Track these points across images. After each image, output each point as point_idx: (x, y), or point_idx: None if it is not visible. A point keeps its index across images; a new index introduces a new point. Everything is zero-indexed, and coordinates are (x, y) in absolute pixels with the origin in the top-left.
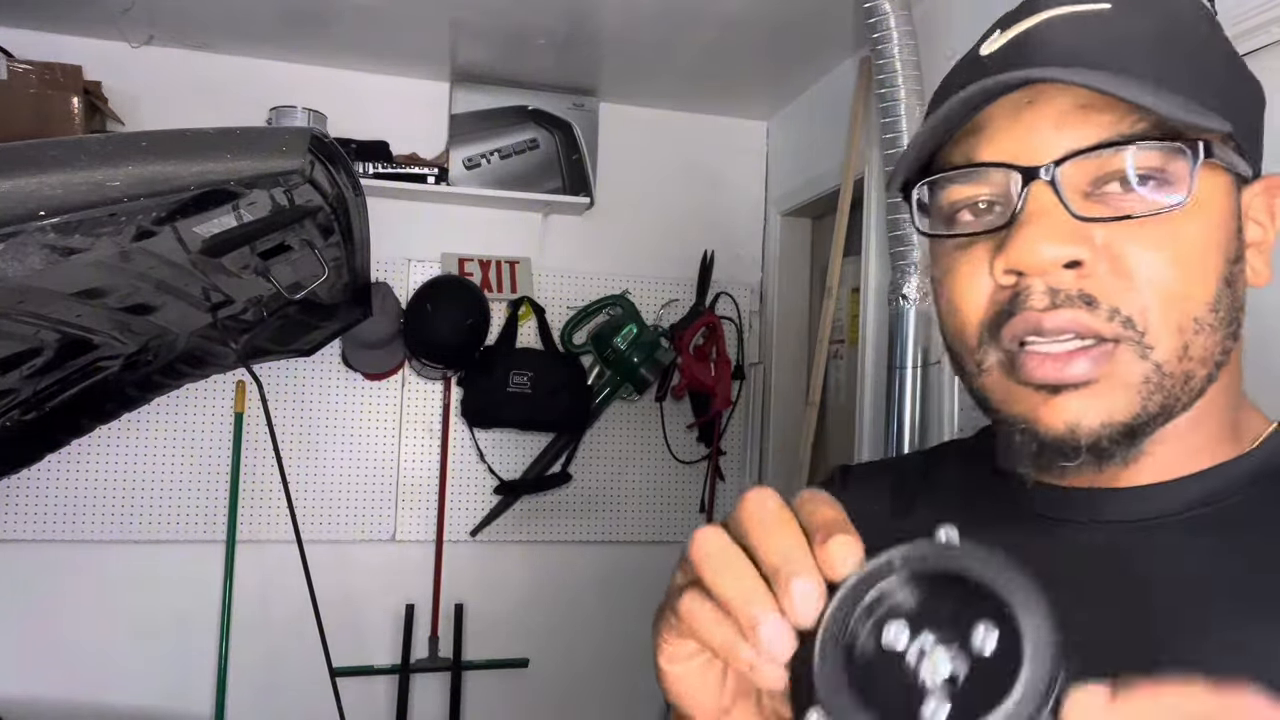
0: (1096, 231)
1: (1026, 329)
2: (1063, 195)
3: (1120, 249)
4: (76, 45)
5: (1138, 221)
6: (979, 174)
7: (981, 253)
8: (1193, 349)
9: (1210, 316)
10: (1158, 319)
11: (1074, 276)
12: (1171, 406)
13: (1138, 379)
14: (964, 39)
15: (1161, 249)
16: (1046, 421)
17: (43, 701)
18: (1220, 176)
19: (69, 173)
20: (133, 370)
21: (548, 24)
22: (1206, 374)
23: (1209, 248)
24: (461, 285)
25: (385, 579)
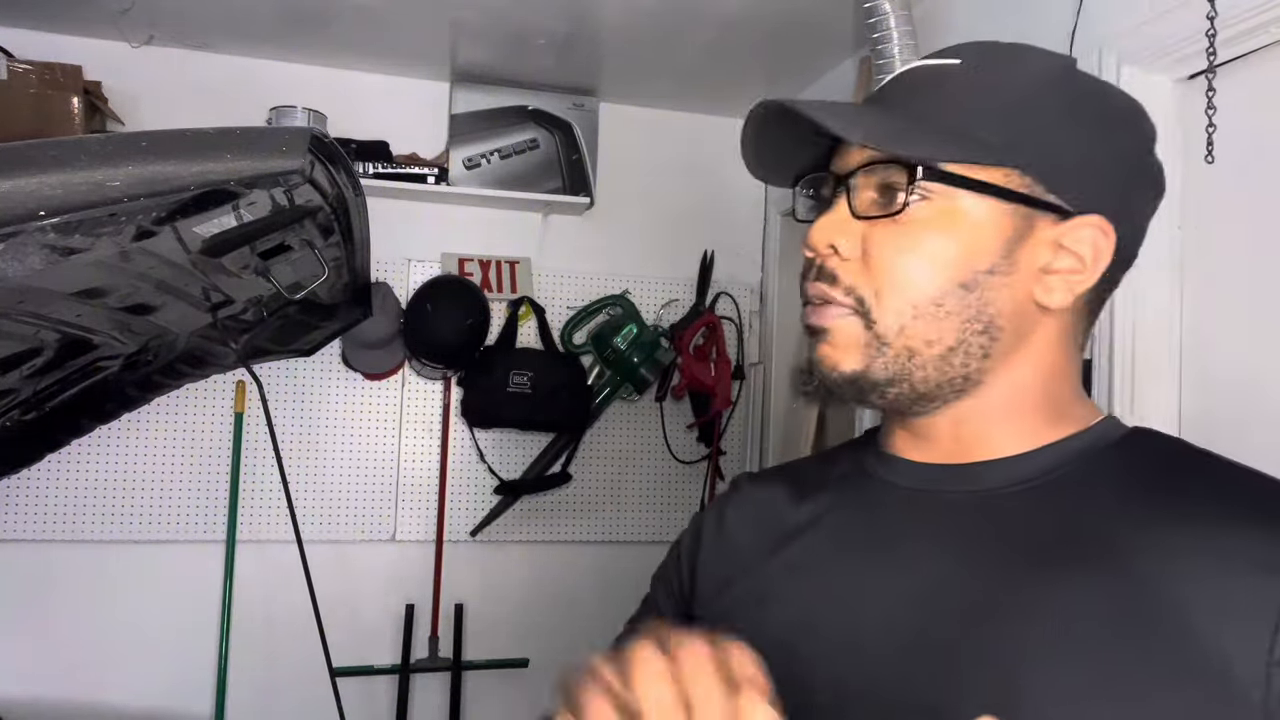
0: (861, 229)
1: (804, 293)
2: (851, 198)
3: (871, 244)
4: (76, 45)
5: (892, 222)
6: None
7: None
8: (910, 331)
9: (930, 309)
10: (883, 301)
11: (834, 260)
12: (904, 375)
13: (860, 342)
14: (964, 39)
15: (898, 248)
16: (814, 359)
17: (43, 701)
18: (981, 200)
19: (69, 173)
20: (133, 370)
21: (548, 24)
22: (938, 356)
23: (944, 255)
24: (461, 285)
25: (385, 579)
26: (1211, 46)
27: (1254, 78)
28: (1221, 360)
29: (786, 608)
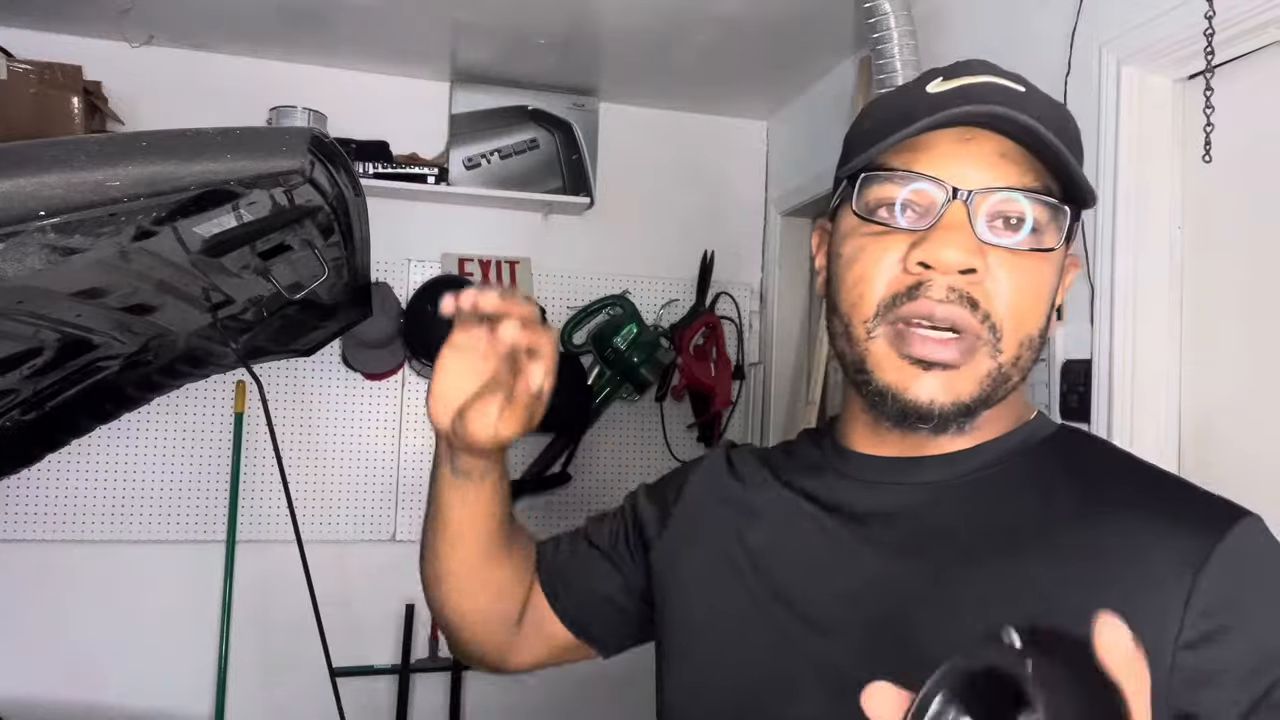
0: (990, 254)
1: (921, 313)
2: (972, 217)
3: (999, 271)
4: (76, 45)
5: (1015, 254)
6: (913, 181)
7: (896, 244)
8: (1022, 360)
9: (1038, 340)
10: (1010, 331)
11: (966, 282)
12: (997, 398)
13: (984, 373)
14: (964, 39)
15: (1026, 280)
16: (914, 392)
17: (43, 701)
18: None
19: (69, 173)
20: (133, 370)
21: (548, 24)
22: (1020, 380)
23: (1049, 289)
24: (461, 285)
25: (385, 579)
26: (1209, 47)
27: (1252, 78)
28: (1221, 359)
29: (759, 581)
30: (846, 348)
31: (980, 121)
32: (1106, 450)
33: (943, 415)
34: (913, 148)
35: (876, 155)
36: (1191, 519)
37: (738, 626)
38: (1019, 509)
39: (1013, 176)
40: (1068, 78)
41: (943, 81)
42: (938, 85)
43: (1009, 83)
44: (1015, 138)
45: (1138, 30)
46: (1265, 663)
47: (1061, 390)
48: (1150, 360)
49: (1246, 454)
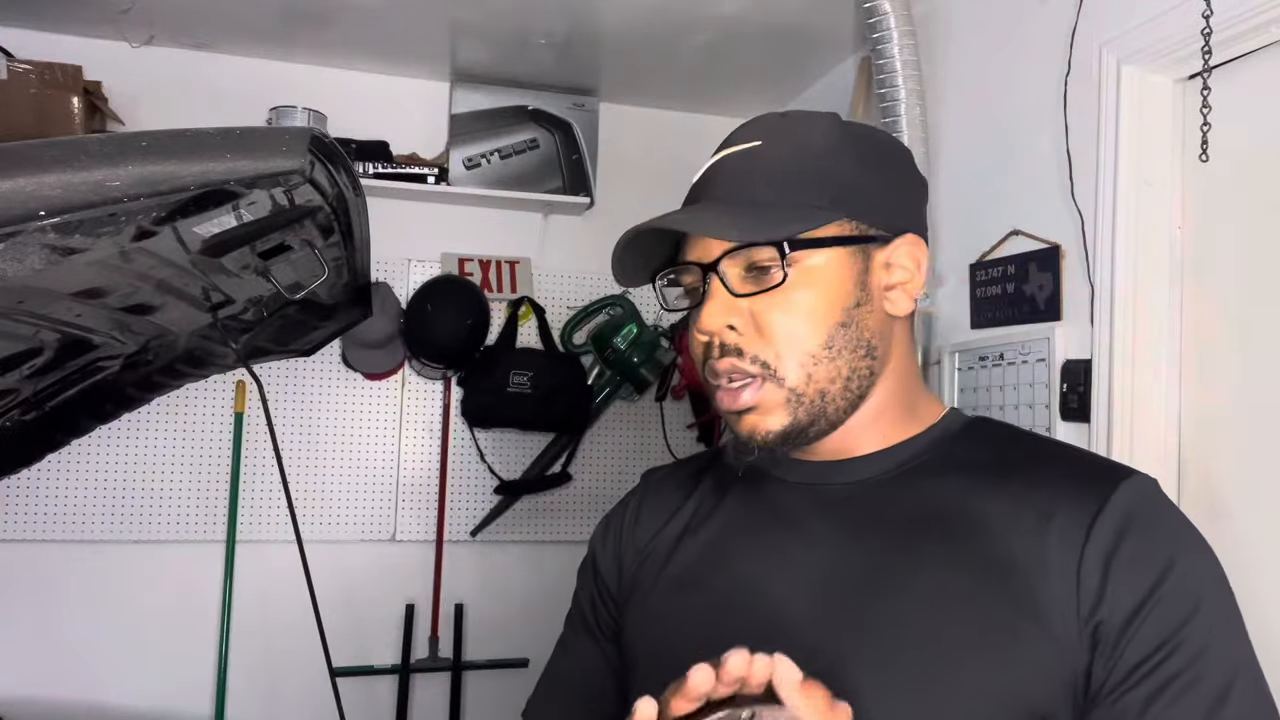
0: (745, 304)
1: (711, 371)
2: (725, 281)
3: (759, 314)
4: (76, 45)
5: (768, 294)
6: (683, 270)
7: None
8: (815, 376)
9: (824, 353)
10: (784, 360)
11: (733, 337)
12: (820, 414)
13: (780, 401)
14: (964, 39)
15: (782, 312)
16: (740, 431)
17: (43, 701)
18: (831, 252)
19: (69, 173)
20: (133, 370)
21: (548, 24)
22: (843, 389)
23: (818, 305)
24: (461, 285)
25: (385, 579)
26: (1207, 46)
27: (1252, 78)
28: (1220, 358)
29: (707, 591)
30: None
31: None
32: (1014, 434)
33: (768, 444)
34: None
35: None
36: (1081, 486)
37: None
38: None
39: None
40: (1068, 78)
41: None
42: (699, 173)
43: (747, 144)
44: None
45: (1138, 30)
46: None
47: (1061, 390)
48: (1150, 360)
49: (1247, 454)
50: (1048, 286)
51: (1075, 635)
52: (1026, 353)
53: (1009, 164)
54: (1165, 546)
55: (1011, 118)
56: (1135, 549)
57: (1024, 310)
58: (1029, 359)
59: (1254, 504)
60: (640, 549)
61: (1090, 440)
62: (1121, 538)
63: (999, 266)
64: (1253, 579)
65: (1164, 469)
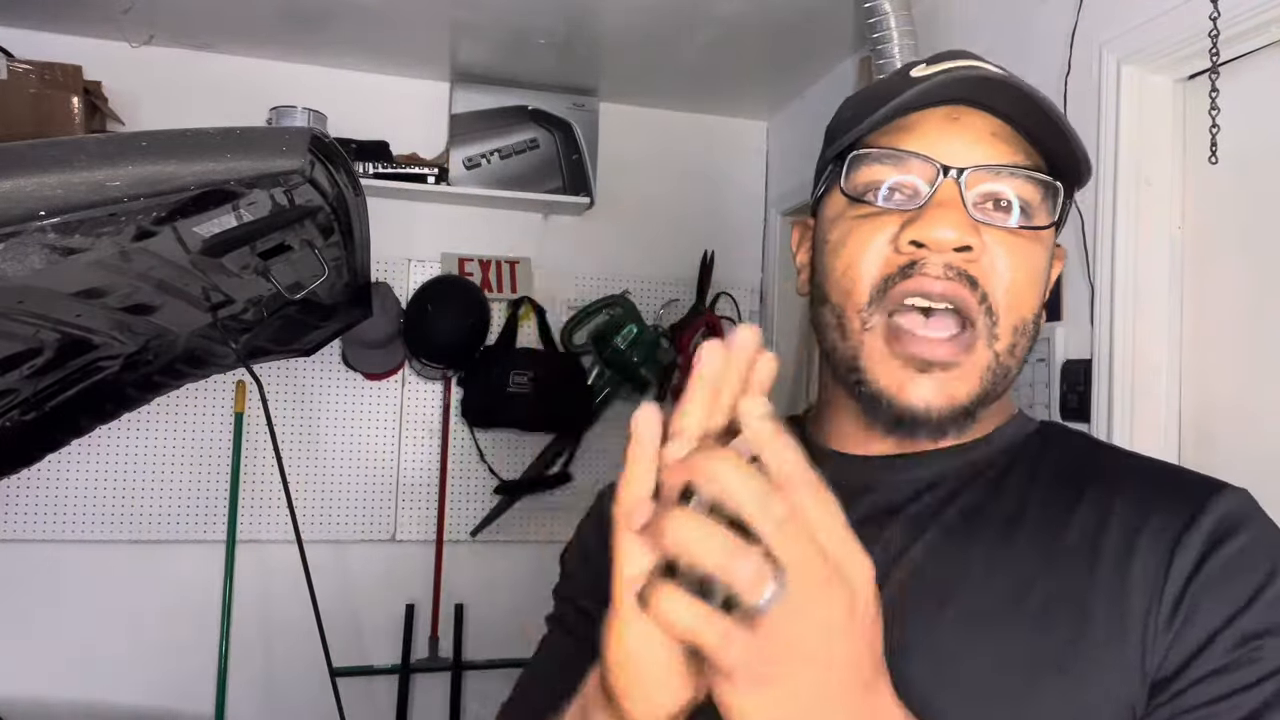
0: (984, 232)
1: (917, 290)
2: (964, 195)
3: (995, 250)
4: (76, 45)
5: (1009, 233)
6: (902, 160)
7: (886, 225)
8: (1018, 349)
9: (1033, 326)
10: (1006, 313)
11: (962, 259)
12: (997, 392)
13: (983, 365)
14: (964, 39)
15: (1019, 260)
16: (907, 399)
17: (43, 701)
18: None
19: (69, 173)
20: (133, 370)
21: (548, 24)
22: (1016, 373)
23: (1043, 271)
24: (461, 285)
25: (385, 579)
26: (1214, 46)
27: (1252, 78)
28: (1221, 359)
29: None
30: (839, 341)
31: (969, 99)
32: (1092, 442)
33: (940, 421)
34: (900, 128)
35: (864, 135)
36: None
37: None
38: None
39: (1004, 154)
40: (1068, 78)
41: (926, 67)
42: (921, 70)
43: (994, 68)
44: (1005, 116)
45: (1138, 30)
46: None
47: (1061, 390)
48: (1150, 360)
49: (1246, 454)
50: None
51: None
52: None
53: None
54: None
55: None
56: (1229, 562)
57: None
58: (1029, 359)
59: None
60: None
61: None
62: (1214, 550)
63: None
64: None
65: None
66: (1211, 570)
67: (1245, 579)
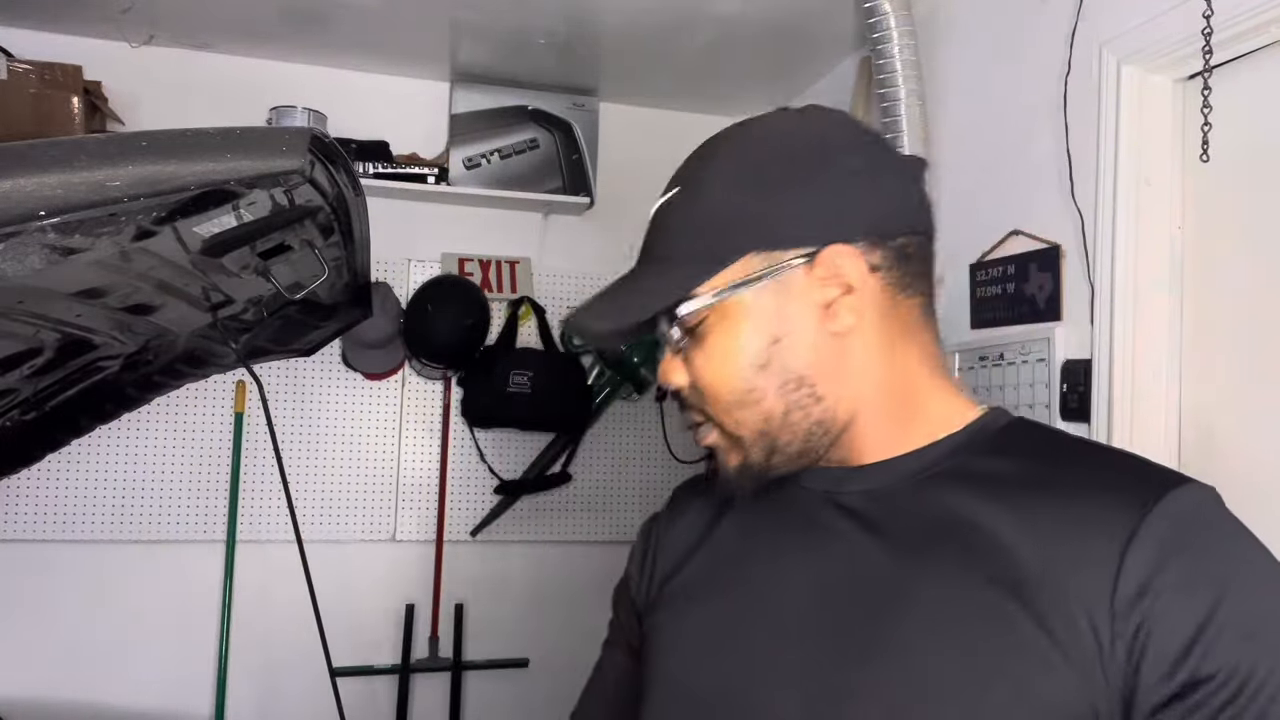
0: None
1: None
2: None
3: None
4: (76, 45)
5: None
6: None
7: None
8: (745, 421)
9: (748, 397)
10: (717, 409)
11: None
12: (774, 449)
13: (729, 444)
14: (964, 39)
15: (704, 362)
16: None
17: (43, 701)
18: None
19: (69, 173)
20: (133, 370)
21: (548, 24)
22: (781, 424)
23: (729, 355)
24: (461, 285)
25: (385, 579)
26: (1208, 46)
27: (1252, 78)
28: (1221, 359)
29: (709, 602)
30: None
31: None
32: (1054, 437)
33: (742, 481)
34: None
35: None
36: (1125, 495)
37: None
38: (957, 506)
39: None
40: (1068, 78)
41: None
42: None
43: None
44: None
45: (1138, 30)
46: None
47: (1061, 390)
48: (1150, 360)
49: (1246, 454)
50: (1048, 286)
51: (1106, 673)
52: (1026, 353)
53: (1009, 164)
54: (1219, 568)
55: (1011, 117)
56: (1181, 574)
57: (1024, 310)
58: (1029, 359)
59: (1255, 504)
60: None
61: None
62: (1165, 560)
63: (999, 266)
64: None
65: None
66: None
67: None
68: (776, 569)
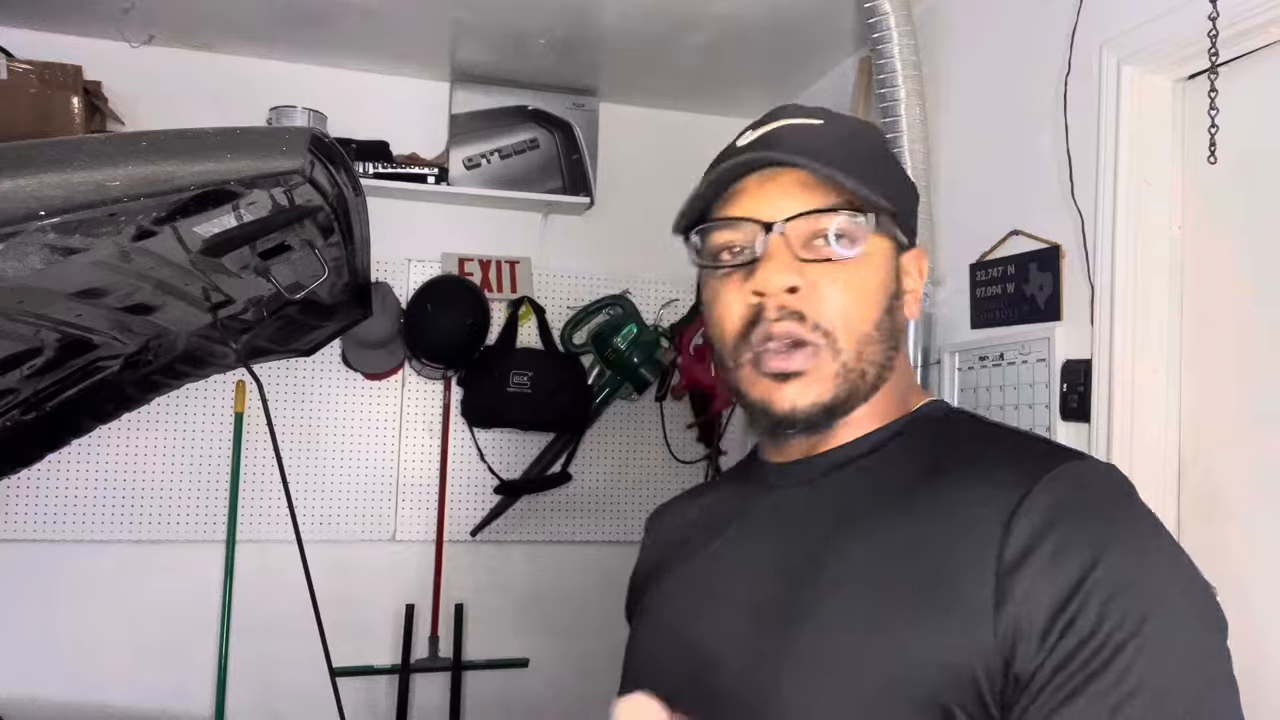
0: (809, 269)
1: (763, 334)
2: (789, 242)
3: (821, 283)
4: (76, 45)
5: (834, 264)
6: (733, 225)
7: (736, 280)
8: (867, 354)
9: (875, 333)
10: (842, 331)
11: (793, 299)
12: (856, 392)
13: (832, 372)
14: (964, 39)
15: (845, 285)
16: (777, 403)
17: (43, 701)
18: (884, 241)
19: (69, 173)
20: (133, 370)
21: (548, 24)
22: (876, 373)
23: (875, 287)
24: (461, 285)
25: (385, 579)
26: (1214, 46)
27: (1252, 78)
28: (1220, 358)
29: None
30: (725, 376)
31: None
32: (979, 421)
33: (807, 419)
34: (730, 196)
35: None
36: (1018, 471)
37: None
38: (887, 482)
39: (814, 200)
40: (1068, 78)
41: (750, 132)
42: (746, 137)
43: (807, 120)
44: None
45: (1138, 30)
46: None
47: (1061, 390)
48: (1150, 360)
49: (1246, 454)
50: (1048, 286)
51: (990, 633)
52: (1026, 353)
53: (1009, 164)
54: (1093, 536)
55: (1011, 117)
56: (1058, 542)
57: (1024, 310)
58: (1029, 359)
59: (1255, 504)
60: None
61: (1090, 440)
62: (1046, 529)
63: (999, 266)
64: (1254, 579)
65: (1164, 469)
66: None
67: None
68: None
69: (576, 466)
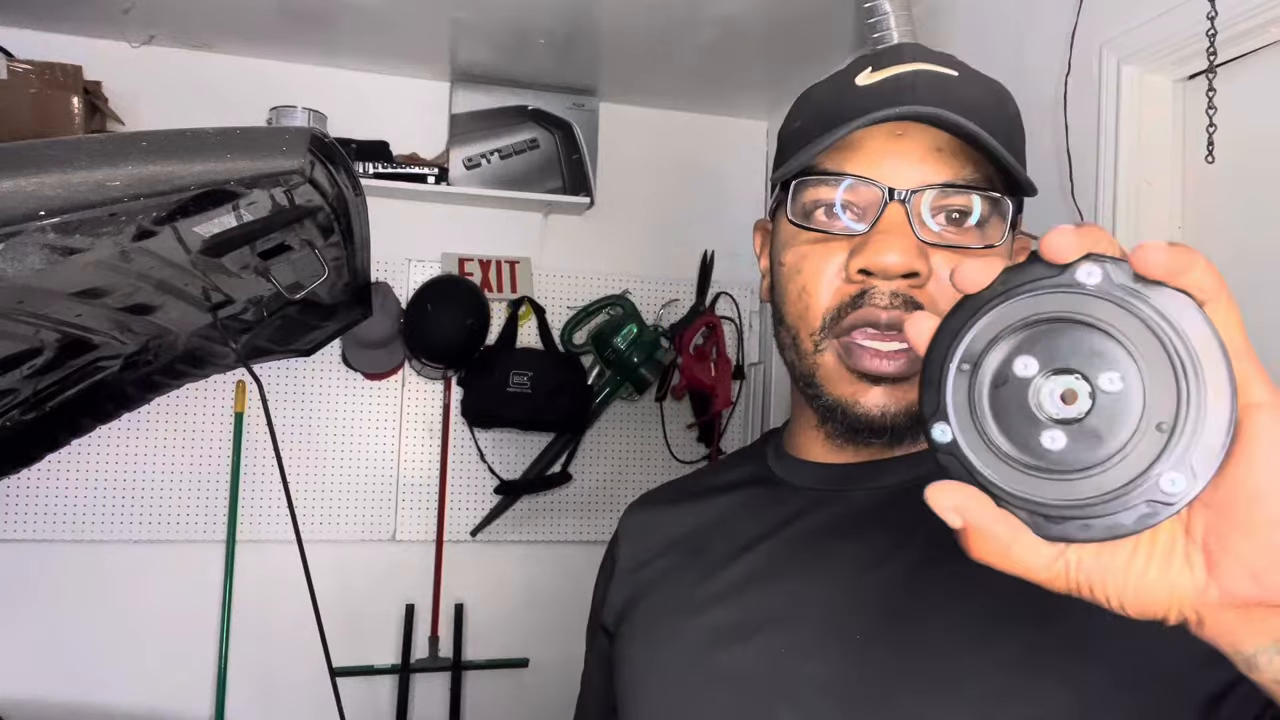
0: (933, 255)
1: (866, 319)
2: (911, 218)
3: (943, 272)
4: (76, 45)
5: (961, 251)
6: (847, 183)
7: (836, 252)
8: None
9: None
10: None
11: (909, 285)
12: None
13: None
14: (963, 39)
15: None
16: (865, 405)
17: (43, 701)
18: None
19: (69, 173)
20: (133, 370)
21: (548, 24)
22: None
23: None
24: (461, 285)
25: (385, 579)
26: (1212, 46)
27: (1253, 78)
28: None
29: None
30: (795, 360)
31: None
32: None
33: (896, 426)
34: (845, 146)
35: (808, 159)
36: None
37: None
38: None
39: (950, 171)
40: (1068, 78)
41: (871, 72)
42: (866, 77)
43: (941, 68)
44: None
45: (1138, 30)
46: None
47: None
48: None
49: None
50: None
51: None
52: None
53: None
54: None
55: None
56: None
57: None
58: None
59: None
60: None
61: None
62: None
63: None
64: None
65: None
66: None
67: None
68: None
69: (576, 467)
